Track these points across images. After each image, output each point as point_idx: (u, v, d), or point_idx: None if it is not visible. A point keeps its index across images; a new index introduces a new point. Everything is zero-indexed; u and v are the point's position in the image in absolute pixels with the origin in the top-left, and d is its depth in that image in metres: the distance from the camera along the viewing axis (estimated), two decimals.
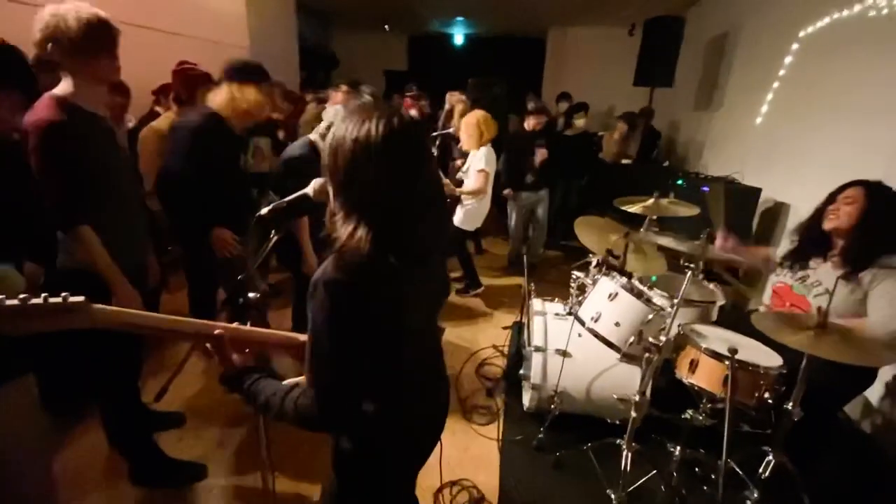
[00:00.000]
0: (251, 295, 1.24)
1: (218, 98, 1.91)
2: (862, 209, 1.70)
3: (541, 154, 4.03)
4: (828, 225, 1.79)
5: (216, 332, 0.91)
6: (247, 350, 0.98)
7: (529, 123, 4.07)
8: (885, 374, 2.27)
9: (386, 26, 8.95)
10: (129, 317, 0.82)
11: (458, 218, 3.45)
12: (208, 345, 0.92)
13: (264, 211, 1.08)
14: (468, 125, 3.32)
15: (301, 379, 0.95)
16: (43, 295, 0.72)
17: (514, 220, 4.26)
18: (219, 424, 2.21)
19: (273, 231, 1.07)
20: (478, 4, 6.68)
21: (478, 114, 3.38)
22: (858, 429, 2.44)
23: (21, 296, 0.70)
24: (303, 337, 0.95)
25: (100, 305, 0.77)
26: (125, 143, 1.82)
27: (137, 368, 1.87)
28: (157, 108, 3.13)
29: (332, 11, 8.01)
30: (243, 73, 1.92)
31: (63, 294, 0.73)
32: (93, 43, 1.36)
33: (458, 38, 9.63)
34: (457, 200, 3.44)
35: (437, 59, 9.63)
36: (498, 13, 7.35)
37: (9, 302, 0.69)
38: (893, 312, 1.60)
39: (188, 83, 2.47)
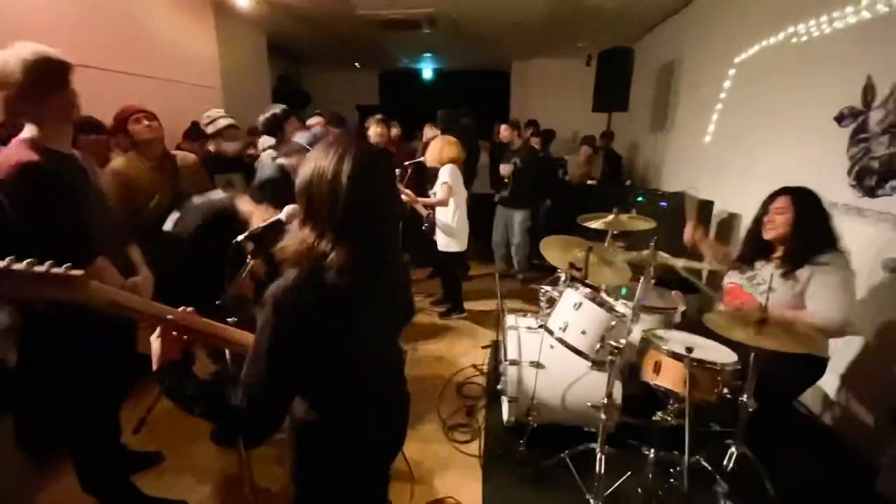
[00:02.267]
0: (229, 320, 1.29)
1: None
2: (793, 216, 1.88)
3: (504, 168, 4.32)
4: (767, 235, 1.95)
5: (168, 316, 0.94)
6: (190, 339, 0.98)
7: (503, 135, 4.59)
8: (839, 367, 2.43)
9: (357, 64, 9.27)
10: (117, 296, 0.86)
11: (441, 241, 3.62)
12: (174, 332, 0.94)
13: (241, 238, 1.15)
14: (433, 146, 3.62)
15: None
16: (47, 263, 0.77)
17: (494, 235, 4.67)
18: (200, 460, 2.18)
19: (249, 256, 1.14)
20: (444, 42, 7.03)
21: (442, 136, 3.67)
22: (819, 422, 2.57)
23: (27, 260, 0.75)
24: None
25: (96, 282, 0.82)
26: (99, 181, 1.80)
27: (118, 405, 1.85)
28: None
29: (303, 51, 8.26)
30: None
31: (65, 265, 0.78)
32: (41, 84, 1.32)
33: (427, 73, 10.03)
34: (423, 216, 3.68)
35: (407, 93, 9.97)
36: (463, 49, 7.73)
37: (15, 266, 0.74)
38: (825, 305, 1.77)
39: (119, 125, 2.38)
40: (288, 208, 1.11)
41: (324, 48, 7.68)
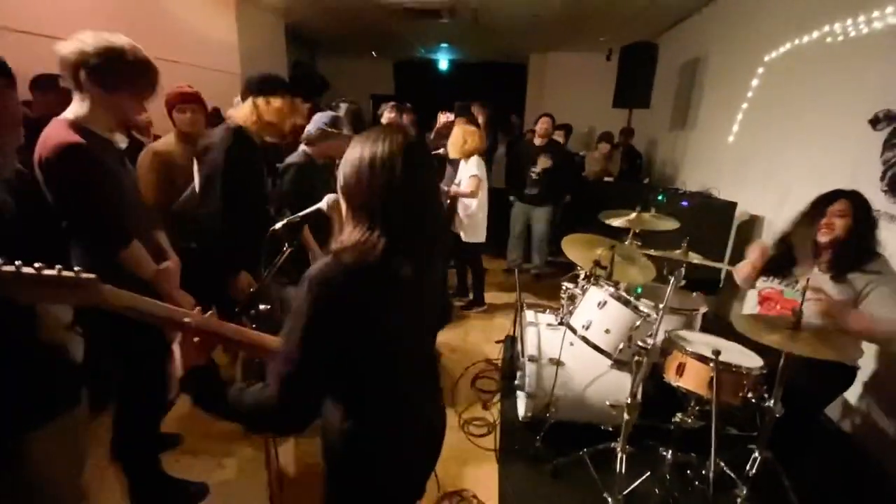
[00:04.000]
0: (262, 307, 1.30)
1: (241, 113, 1.88)
2: (851, 220, 1.81)
3: (542, 162, 4.25)
4: (823, 238, 1.86)
5: (185, 320, 0.91)
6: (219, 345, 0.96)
7: (541, 128, 4.36)
8: (862, 375, 2.39)
9: (373, 52, 9.21)
10: (133, 301, 0.85)
11: (466, 233, 3.62)
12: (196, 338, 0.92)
13: (278, 226, 1.15)
14: (454, 136, 3.58)
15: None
16: (57, 267, 0.75)
17: (513, 231, 4.59)
18: (217, 443, 2.21)
19: (287, 244, 1.14)
20: (461, 32, 6.95)
21: (463, 127, 3.62)
22: (839, 428, 2.54)
23: (37, 265, 0.73)
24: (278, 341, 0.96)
25: (109, 286, 0.80)
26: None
27: (166, 386, 1.86)
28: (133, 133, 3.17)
29: (319, 38, 8.22)
30: (265, 84, 1.90)
31: (76, 269, 0.76)
32: (127, 79, 1.39)
33: (443, 64, 9.94)
34: (453, 205, 3.65)
35: (422, 84, 9.89)
36: (481, 40, 7.64)
37: (25, 269, 0.72)
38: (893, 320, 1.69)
39: (165, 106, 2.49)
40: (328, 198, 1.11)
41: (340, 36, 7.63)
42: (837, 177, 2.59)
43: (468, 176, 3.53)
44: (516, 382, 2.48)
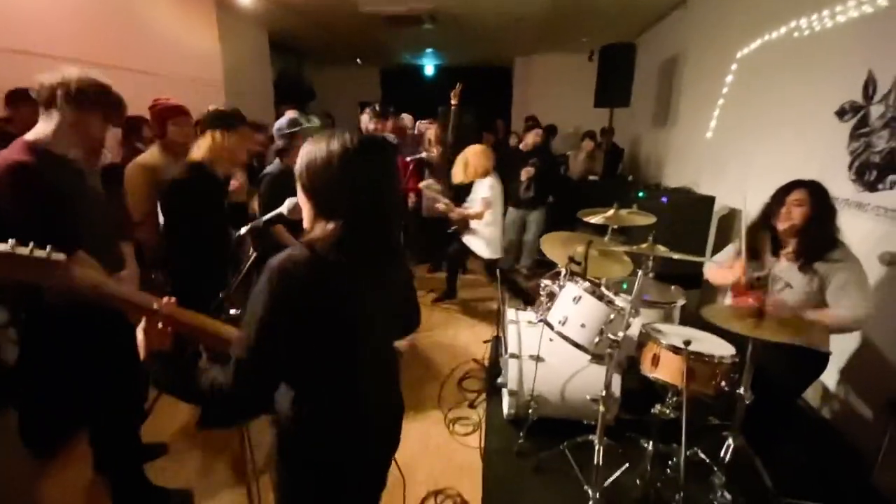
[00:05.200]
0: (232, 312, 1.32)
1: (200, 147, 2.05)
2: (809, 209, 1.85)
3: (526, 172, 4.28)
4: (782, 226, 1.91)
5: (153, 306, 0.95)
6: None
7: (529, 139, 4.37)
8: (837, 360, 2.44)
9: (358, 60, 9.27)
10: (101, 282, 0.89)
11: (482, 249, 3.64)
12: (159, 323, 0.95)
13: (243, 230, 1.17)
14: (459, 162, 3.60)
15: None
16: (30, 244, 0.79)
17: (507, 236, 4.55)
18: (201, 452, 2.22)
19: (251, 249, 1.16)
20: (445, 38, 7.02)
21: (470, 149, 3.62)
22: (818, 414, 2.59)
23: (10, 241, 0.77)
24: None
25: (78, 267, 0.84)
26: (97, 181, 1.85)
27: (143, 392, 1.89)
28: (138, 145, 3.20)
29: (305, 47, 8.27)
30: (220, 120, 2.07)
31: (48, 248, 0.80)
32: (97, 100, 1.48)
33: (429, 69, 10.01)
34: (465, 223, 3.70)
35: (409, 89, 9.95)
36: (465, 45, 7.72)
37: (0, 246, 0.77)
38: (854, 302, 1.75)
39: (157, 118, 2.55)
40: (289, 201, 1.13)
41: (325, 44, 7.68)
42: (809, 167, 2.64)
43: (480, 198, 3.54)
44: (499, 380, 2.50)
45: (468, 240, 3.70)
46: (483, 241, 3.64)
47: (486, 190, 3.53)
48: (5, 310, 1.22)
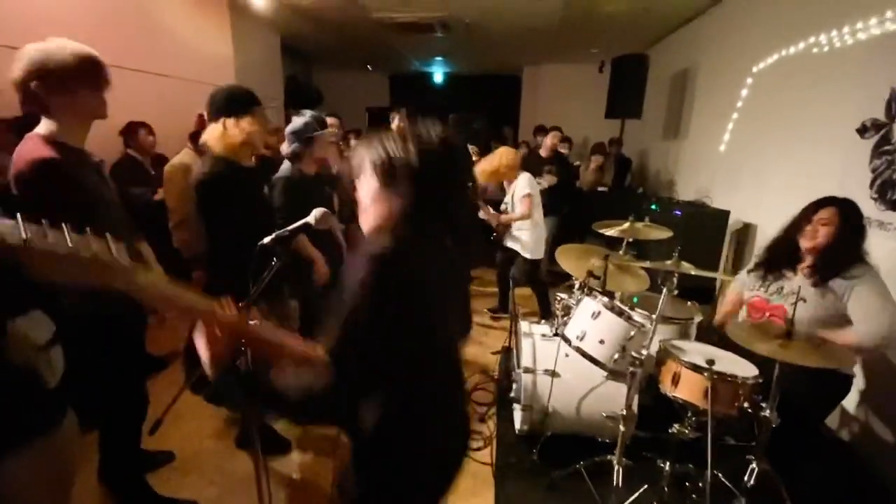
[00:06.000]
0: (252, 322, 1.28)
1: (212, 136, 1.86)
2: (837, 228, 1.81)
3: (548, 180, 4.20)
4: (807, 244, 1.87)
5: (226, 315, 0.87)
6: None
7: (548, 143, 4.29)
8: (858, 383, 2.39)
9: (368, 66, 9.30)
10: (167, 289, 0.80)
11: (527, 249, 3.49)
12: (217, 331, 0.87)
13: (267, 240, 1.14)
14: (484, 165, 3.47)
15: None
16: (99, 241, 0.70)
17: None
18: (208, 462, 2.17)
19: (275, 259, 1.13)
20: (455, 46, 7.04)
21: (499, 150, 3.50)
22: (837, 437, 2.53)
23: (75, 235, 0.68)
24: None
25: (145, 272, 0.75)
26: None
27: (145, 405, 1.85)
28: (129, 151, 3.43)
29: (315, 52, 8.30)
30: (233, 103, 1.86)
31: (115, 248, 0.72)
32: (78, 77, 1.37)
33: (438, 77, 10.05)
34: (506, 229, 3.58)
35: (417, 96, 9.99)
36: (475, 53, 7.74)
37: (67, 248, 0.67)
38: (876, 322, 1.71)
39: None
40: (316, 211, 1.10)
41: (336, 50, 7.71)
42: (827, 184, 2.61)
43: (520, 197, 3.38)
44: (511, 395, 2.46)
45: (512, 243, 3.55)
46: (531, 242, 3.47)
47: (525, 187, 3.38)
48: (51, 322, 1.15)
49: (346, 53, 7.98)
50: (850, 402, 2.46)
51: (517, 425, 2.40)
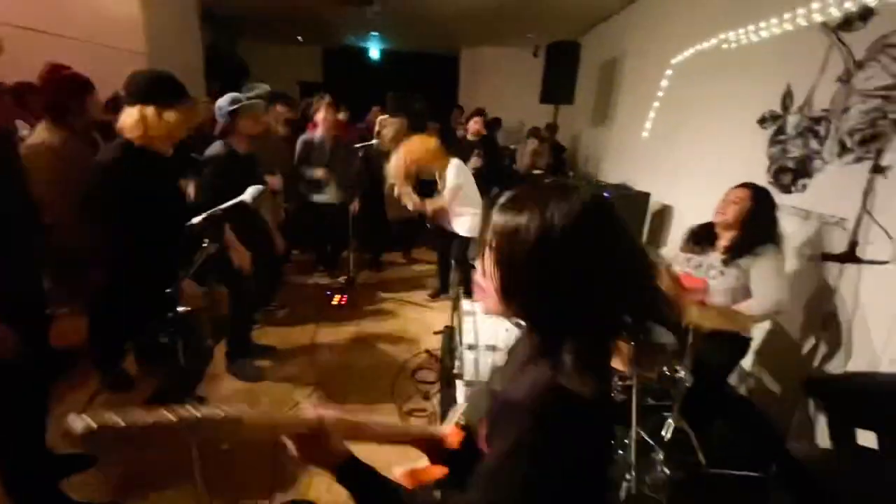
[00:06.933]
0: (180, 309, 1.20)
1: (127, 123, 1.63)
2: (747, 208, 2.02)
3: (473, 163, 4.22)
4: (715, 219, 2.11)
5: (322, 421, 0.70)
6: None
7: (472, 128, 4.27)
8: (753, 344, 2.72)
9: (299, 37, 8.78)
10: (276, 428, 0.69)
11: (466, 229, 3.45)
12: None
13: (196, 220, 1.06)
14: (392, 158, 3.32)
15: None
16: (202, 409, 0.61)
17: None
18: (133, 461, 2.02)
19: (206, 240, 1.05)
20: (392, 22, 6.84)
21: (402, 146, 3.34)
22: (737, 393, 2.88)
23: (192, 408, 0.60)
24: (442, 431, 0.81)
25: (249, 417, 0.63)
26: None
27: (44, 408, 1.66)
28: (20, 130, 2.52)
29: (240, 20, 7.67)
30: (156, 92, 1.64)
31: (222, 407, 0.62)
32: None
33: (374, 53, 9.73)
34: (444, 214, 3.50)
35: (353, 73, 9.63)
36: (412, 31, 7.58)
37: (192, 413, 0.59)
38: (764, 294, 1.95)
39: (76, 91, 2.15)
40: (251, 189, 1.04)
41: (264, 19, 7.19)
42: (733, 170, 2.90)
43: (449, 188, 3.31)
44: (455, 371, 2.52)
45: (455, 226, 3.51)
46: (470, 222, 3.44)
47: (453, 178, 3.33)
48: None
49: (276, 24, 7.47)
50: (747, 361, 2.80)
51: (461, 400, 2.47)
